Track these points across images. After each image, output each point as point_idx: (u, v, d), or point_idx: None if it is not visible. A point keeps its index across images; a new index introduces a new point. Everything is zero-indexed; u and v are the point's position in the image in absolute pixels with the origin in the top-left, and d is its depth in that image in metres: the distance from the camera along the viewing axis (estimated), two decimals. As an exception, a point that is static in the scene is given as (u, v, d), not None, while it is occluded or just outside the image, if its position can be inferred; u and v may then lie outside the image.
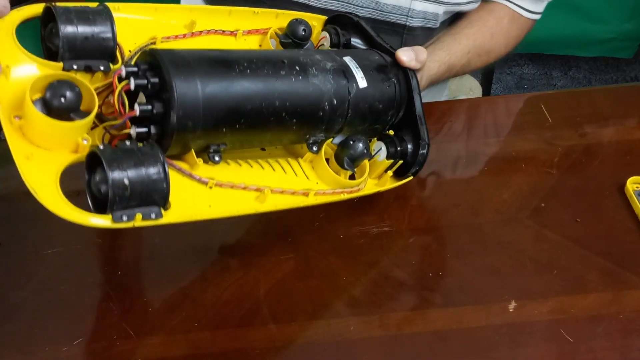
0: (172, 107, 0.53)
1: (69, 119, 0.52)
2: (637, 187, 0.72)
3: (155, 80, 0.54)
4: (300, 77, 0.60)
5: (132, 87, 0.53)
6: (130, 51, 0.61)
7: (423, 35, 0.90)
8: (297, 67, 0.60)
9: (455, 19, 0.92)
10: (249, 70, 0.57)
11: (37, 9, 0.57)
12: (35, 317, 0.60)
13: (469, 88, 1.36)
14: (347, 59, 0.65)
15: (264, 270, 0.64)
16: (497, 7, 0.90)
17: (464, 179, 0.76)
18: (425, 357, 0.58)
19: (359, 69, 0.64)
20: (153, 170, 0.51)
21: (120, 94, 0.54)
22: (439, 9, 0.87)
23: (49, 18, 0.56)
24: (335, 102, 0.62)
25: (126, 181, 0.49)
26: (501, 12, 0.90)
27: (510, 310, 0.61)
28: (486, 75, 1.64)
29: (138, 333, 0.58)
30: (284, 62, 0.60)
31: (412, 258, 0.66)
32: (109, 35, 0.55)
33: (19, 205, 0.61)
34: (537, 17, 0.93)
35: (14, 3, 0.58)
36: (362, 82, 0.64)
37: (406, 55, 0.67)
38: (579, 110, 0.85)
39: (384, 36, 0.72)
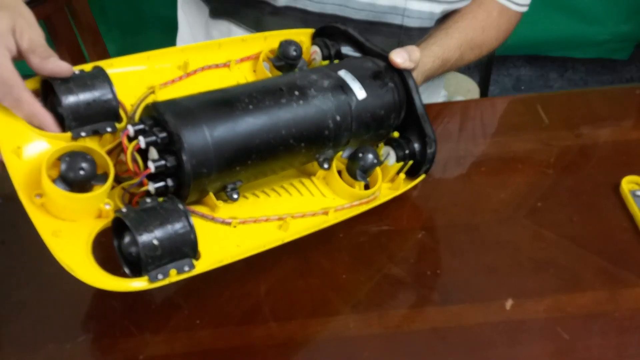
0: (185, 158, 0.53)
1: (88, 187, 0.53)
2: (632, 187, 0.72)
3: (164, 134, 0.54)
4: (301, 102, 0.60)
5: (143, 145, 0.54)
6: (132, 105, 0.61)
7: (420, 36, 0.90)
8: (296, 92, 0.61)
9: (446, 15, 0.93)
10: (251, 106, 0.58)
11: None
12: (38, 315, 0.60)
13: (467, 89, 1.37)
14: (343, 73, 0.65)
15: (265, 268, 0.64)
16: (486, 0, 0.92)
17: (461, 179, 0.77)
18: (423, 355, 0.59)
19: (356, 80, 0.64)
20: (179, 225, 0.52)
21: (132, 153, 0.54)
22: (436, 8, 0.87)
23: (47, 91, 0.56)
24: (338, 119, 0.62)
25: (155, 242, 0.50)
26: (490, 6, 0.91)
27: (508, 308, 0.62)
28: (483, 76, 1.65)
29: (140, 331, 0.59)
30: (283, 90, 0.60)
31: (411, 257, 0.67)
32: (110, 96, 0.56)
33: (22, 204, 0.61)
34: (525, 9, 0.94)
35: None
36: (360, 93, 0.64)
37: (399, 57, 0.67)
38: (575, 111, 0.86)
39: (380, 38, 0.72)
